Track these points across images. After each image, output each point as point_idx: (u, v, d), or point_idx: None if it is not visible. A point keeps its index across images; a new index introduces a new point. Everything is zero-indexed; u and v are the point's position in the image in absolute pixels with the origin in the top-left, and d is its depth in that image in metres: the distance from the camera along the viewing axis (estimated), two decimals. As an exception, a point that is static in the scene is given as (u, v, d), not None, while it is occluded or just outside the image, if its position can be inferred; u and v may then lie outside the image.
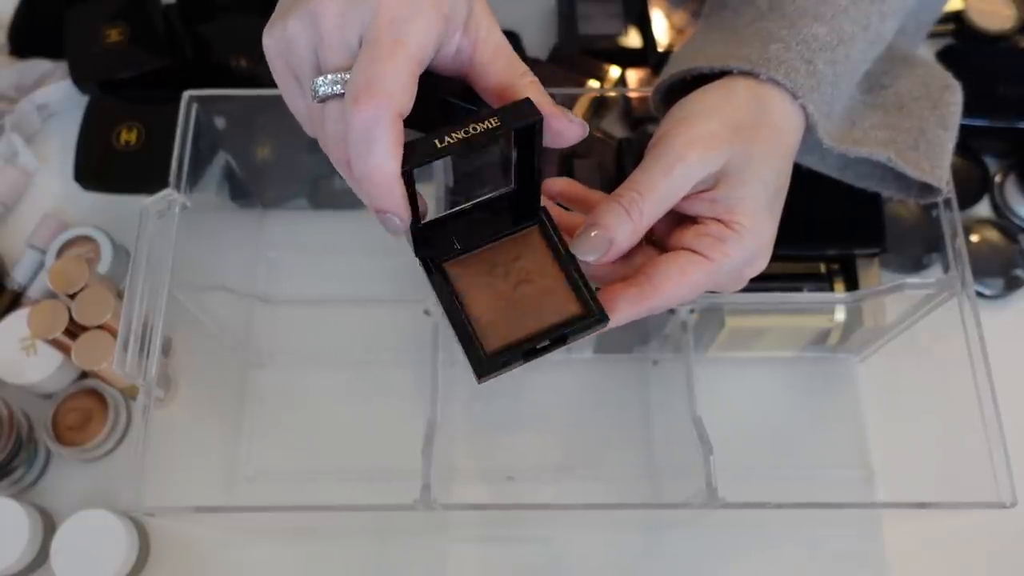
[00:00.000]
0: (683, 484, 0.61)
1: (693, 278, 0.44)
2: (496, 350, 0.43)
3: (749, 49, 0.48)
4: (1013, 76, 0.78)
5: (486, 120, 0.38)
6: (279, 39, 0.41)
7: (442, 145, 0.37)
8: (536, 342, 0.42)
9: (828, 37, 0.48)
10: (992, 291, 0.75)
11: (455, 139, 0.37)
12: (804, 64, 0.47)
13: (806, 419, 0.72)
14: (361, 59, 0.38)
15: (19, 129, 0.79)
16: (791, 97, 0.47)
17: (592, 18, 0.82)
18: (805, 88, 0.47)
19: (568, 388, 0.73)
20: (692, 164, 0.44)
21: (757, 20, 0.50)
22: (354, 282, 0.74)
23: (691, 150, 0.44)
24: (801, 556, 0.68)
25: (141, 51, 0.76)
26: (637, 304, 0.44)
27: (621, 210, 0.43)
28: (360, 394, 0.72)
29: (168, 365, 0.72)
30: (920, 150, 0.53)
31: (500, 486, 0.69)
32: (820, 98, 0.48)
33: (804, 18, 0.48)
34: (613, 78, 0.78)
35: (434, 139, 0.37)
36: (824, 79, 0.48)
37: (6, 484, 0.67)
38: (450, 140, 0.37)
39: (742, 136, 0.45)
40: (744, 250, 0.45)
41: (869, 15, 0.49)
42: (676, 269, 0.44)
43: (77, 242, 0.75)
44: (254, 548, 0.68)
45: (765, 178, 0.46)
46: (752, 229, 0.45)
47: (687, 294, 0.45)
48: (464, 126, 0.38)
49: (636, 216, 0.43)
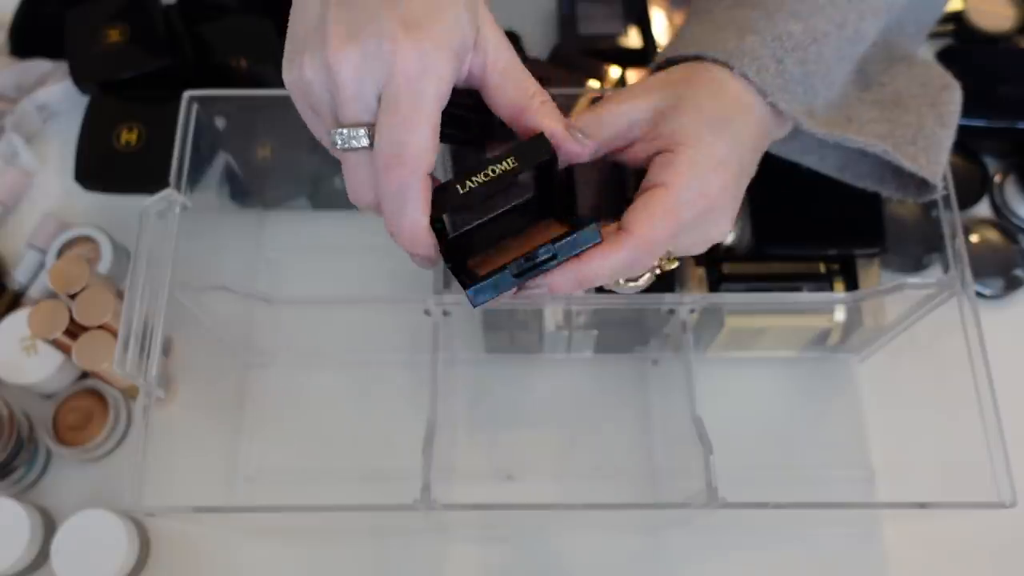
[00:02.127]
0: (683, 484, 0.61)
1: (660, 206, 0.45)
2: (487, 272, 0.44)
3: (725, 34, 0.49)
4: (1013, 76, 0.78)
5: (503, 161, 0.42)
6: (297, 80, 0.42)
7: (465, 191, 0.42)
8: (526, 257, 0.43)
9: (802, 36, 0.48)
10: (992, 291, 0.75)
11: (478, 182, 0.42)
12: (775, 63, 0.48)
13: (806, 419, 0.72)
14: (384, 123, 0.40)
15: (19, 129, 0.79)
16: (762, 96, 0.48)
17: (592, 18, 0.82)
18: (773, 87, 0.48)
19: (568, 388, 0.73)
20: (620, 103, 0.47)
21: (736, 6, 0.50)
22: (354, 282, 0.74)
23: (621, 95, 0.48)
24: (801, 556, 0.68)
25: (141, 51, 0.76)
26: (617, 251, 0.44)
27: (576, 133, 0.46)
28: (360, 394, 0.72)
29: (168, 365, 0.72)
30: (918, 145, 0.53)
31: (500, 486, 0.69)
32: (791, 97, 0.49)
33: (782, 11, 0.49)
34: (613, 78, 0.78)
35: (458, 185, 0.42)
36: (792, 78, 0.48)
37: (6, 484, 0.67)
38: (472, 185, 0.42)
39: (673, 85, 0.48)
40: (695, 168, 0.45)
41: (847, 12, 0.49)
42: (640, 207, 0.45)
43: (77, 242, 0.75)
44: (254, 548, 0.68)
45: (700, 110, 0.46)
46: (697, 149, 0.46)
47: (659, 228, 0.45)
48: (484, 168, 0.42)
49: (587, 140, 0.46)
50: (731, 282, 0.65)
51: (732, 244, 0.66)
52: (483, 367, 0.73)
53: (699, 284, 0.65)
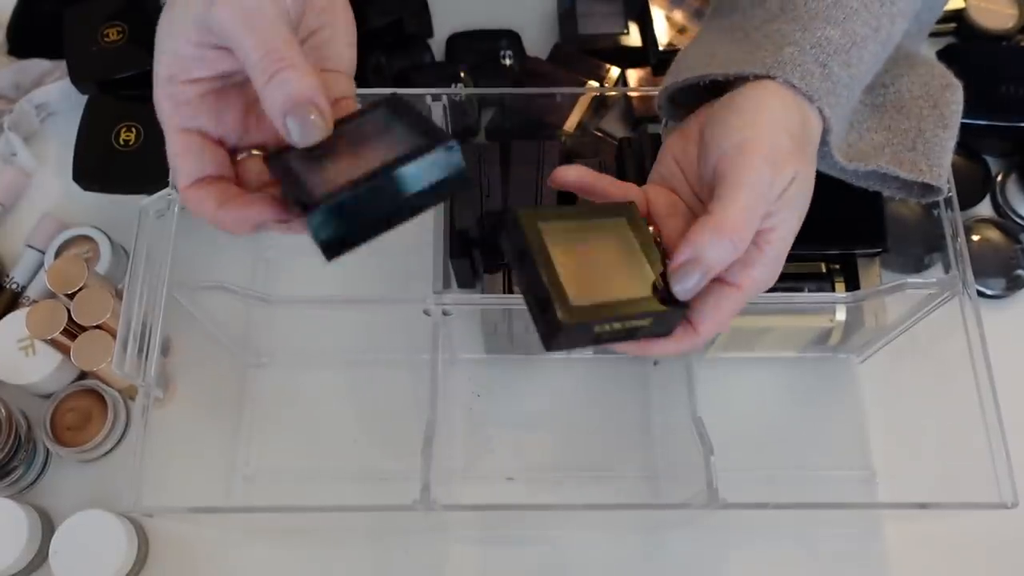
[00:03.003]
0: (683, 484, 0.61)
1: (727, 310, 0.45)
2: (579, 307, 0.43)
3: (763, 52, 0.48)
4: (1014, 75, 0.78)
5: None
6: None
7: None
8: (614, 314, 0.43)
9: (841, 40, 0.48)
10: (993, 291, 0.75)
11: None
12: (819, 68, 0.47)
13: (807, 419, 0.72)
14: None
15: (18, 129, 0.79)
16: (808, 101, 0.47)
17: (592, 17, 0.82)
18: (821, 92, 0.47)
19: (568, 388, 0.73)
20: (777, 180, 0.44)
21: (768, 22, 0.49)
22: (354, 282, 0.74)
23: (776, 164, 0.44)
24: (801, 556, 0.68)
25: (140, 50, 0.76)
26: (680, 345, 0.46)
27: (725, 241, 0.43)
28: (360, 394, 0.72)
29: (167, 365, 0.72)
30: (918, 150, 0.53)
31: (500, 486, 0.69)
32: (836, 101, 0.48)
33: (816, 20, 0.48)
34: (613, 78, 0.78)
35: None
36: (839, 82, 0.48)
37: (5, 484, 0.67)
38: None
39: (805, 155, 0.46)
40: (768, 272, 0.46)
41: (880, 17, 0.49)
42: (711, 308, 0.45)
43: (76, 242, 0.75)
44: (253, 548, 0.67)
45: (803, 207, 0.47)
46: (779, 252, 0.46)
47: (724, 326, 0.46)
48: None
49: (739, 244, 0.43)
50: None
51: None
52: (483, 367, 0.73)
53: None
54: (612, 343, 0.45)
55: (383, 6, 0.79)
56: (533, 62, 0.79)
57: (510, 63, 0.82)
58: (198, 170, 0.43)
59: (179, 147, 0.43)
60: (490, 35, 0.83)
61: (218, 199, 0.42)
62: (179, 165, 0.43)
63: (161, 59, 0.42)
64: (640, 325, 0.44)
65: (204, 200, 0.42)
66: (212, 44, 0.41)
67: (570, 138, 0.74)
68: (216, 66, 0.42)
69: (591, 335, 0.43)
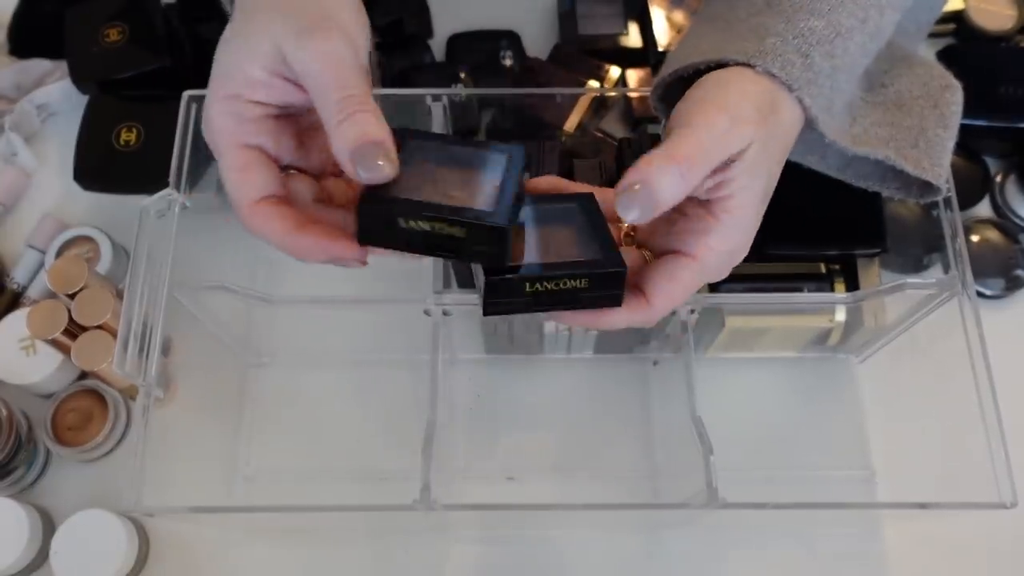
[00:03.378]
0: (683, 484, 0.61)
1: (682, 282, 0.44)
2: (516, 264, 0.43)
3: (745, 43, 0.48)
4: (1014, 76, 0.78)
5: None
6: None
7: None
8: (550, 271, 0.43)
9: (825, 30, 0.48)
10: (993, 291, 0.75)
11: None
12: (800, 58, 0.47)
13: (806, 419, 0.72)
14: None
15: (19, 129, 0.79)
16: (787, 90, 0.47)
17: (592, 18, 0.82)
18: (801, 81, 0.47)
19: (568, 388, 0.73)
20: (733, 130, 0.43)
21: (753, 15, 0.50)
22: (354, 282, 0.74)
23: (735, 119, 0.43)
24: (801, 556, 0.68)
25: (141, 51, 0.76)
26: (632, 317, 0.44)
27: (673, 167, 0.41)
28: (360, 394, 0.72)
29: (168, 365, 0.72)
30: (920, 148, 0.53)
31: (500, 486, 0.69)
32: (818, 92, 0.48)
33: (800, 12, 0.48)
34: (613, 78, 0.78)
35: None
36: (821, 72, 0.48)
37: (6, 484, 0.67)
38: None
39: (766, 122, 0.45)
40: (727, 242, 0.45)
41: (868, 8, 0.49)
42: (665, 278, 0.44)
43: (77, 242, 0.75)
44: (254, 548, 0.68)
45: (770, 171, 0.46)
46: (738, 222, 0.45)
47: (679, 298, 0.45)
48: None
49: (687, 175, 0.42)
50: (731, 282, 0.65)
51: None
52: (483, 367, 0.73)
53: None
54: (554, 308, 0.43)
55: (383, 6, 0.80)
56: (533, 62, 0.79)
57: (510, 63, 0.82)
58: (264, 188, 0.43)
59: (242, 162, 0.43)
60: (490, 35, 0.83)
61: (294, 221, 0.42)
62: (243, 180, 0.43)
63: (225, 77, 0.43)
64: (577, 287, 0.42)
65: (273, 219, 0.43)
66: (283, 75, 0.43)
67: (570, 138, 0.74)
68: (281, 96, 0.44)
69: (524, 294, 0.42)
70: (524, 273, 0.42)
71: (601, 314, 0.44)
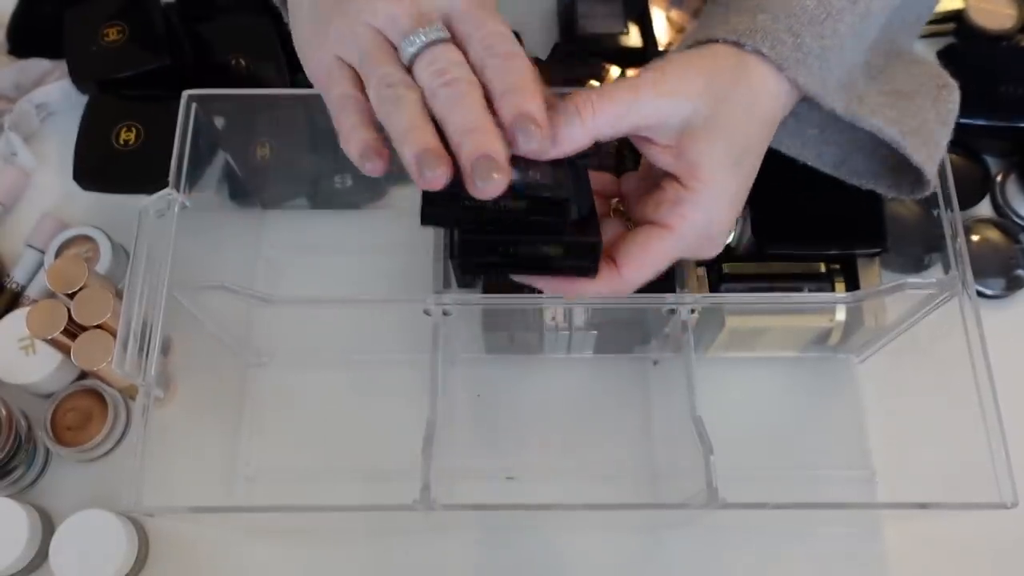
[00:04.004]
0: (683, 484, 0.61)
1: (656, 251, 0.45)
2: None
3: (736, 20, 0.48)
4: (1014, 75, 0.78)
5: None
6: (344, 35, 0.44)
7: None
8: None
9: (816, 10, 0.48)
10: (993, 291, 0.75)
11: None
12: (791, 37, 0.47)
13: (806, 419, 0.72)
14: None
15: (18, 128, 0.79)
16: (776, 69, 0.47)
17: (592, 17, 0.82)
18: (791, 60, 0.47)
19: (568, 388, 0.73)
20: (661, 96, 0.44)
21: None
22: (354, 282, 0.74)
23: (663, 84, 0.45)
24: (801, 556, 0.68)
25: (140, 51, 0.75)
26: (605, 287, 0.45)
27: (571, 106, 0.44)
28: (360, 394, 0.72)
29: (167, 365, 0.72)
30: (921, 137, 0.53)
31: (500, 486, 0.69)
32: (808, 72, 0.48)
33: None
34: (613, 77, 0.78)
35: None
36: (811, 52, 0.48)
37: (5, 484, 0.67)
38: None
39: (713, 91, 0.45)
40: (702, 211, 0.45)
41: None
42: (637, 247, 0.45)
43: (76, 241, 0.75)
44: (254, 548, 0.67)
45: (731, 138, 0.46)
46: (710, 189, 0.45)
47: (650, 268, 0.45)
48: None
49: (587, 115, 0.43)
50: (731, 282, 0.65)
51: (732, 244, 0.66)
52: (483, 367, 0.73)
53: (699, 284, 0.65)
54: (529, 273, 0.44)
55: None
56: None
57: (510, 63, 0.82)
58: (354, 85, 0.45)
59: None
60: (490, 35, 0.83)
61: (364, 107, 0.44)
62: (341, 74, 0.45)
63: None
64: (551, 253, 0.43)
65: (346, 85, 0.44)
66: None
67: (570, 138, 0.74)
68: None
69: (496, 254, 0.43)
70: (500, 244, 0.43)
71: (573, 282, 0.45)
